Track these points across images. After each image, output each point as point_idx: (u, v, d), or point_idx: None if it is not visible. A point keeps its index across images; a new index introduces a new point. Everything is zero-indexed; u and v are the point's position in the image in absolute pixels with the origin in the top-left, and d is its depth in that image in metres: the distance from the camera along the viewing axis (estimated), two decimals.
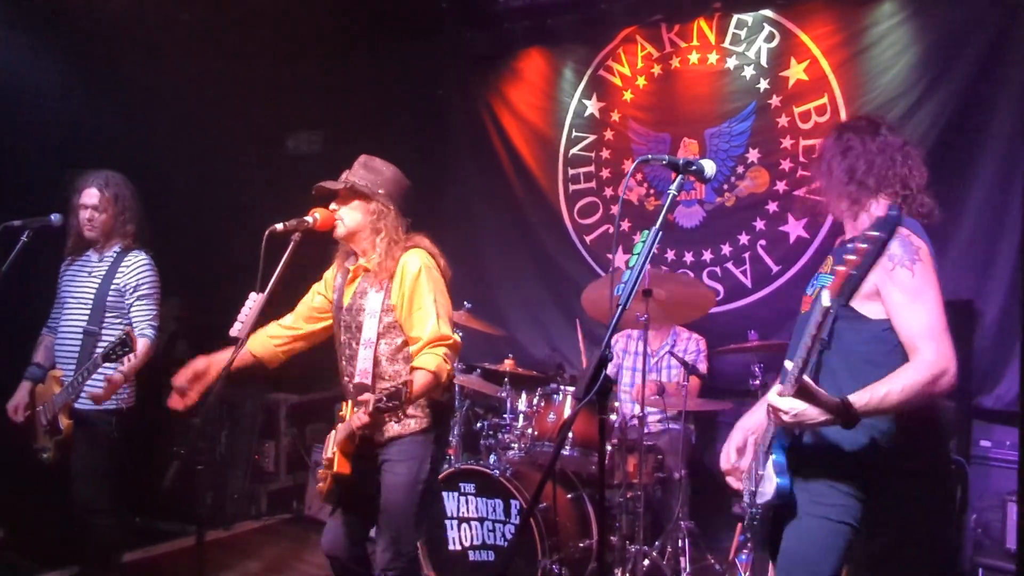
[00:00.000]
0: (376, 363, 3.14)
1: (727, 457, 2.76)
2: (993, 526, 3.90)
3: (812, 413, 2.20)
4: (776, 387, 2.25)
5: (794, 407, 2.19)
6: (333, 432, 3.19)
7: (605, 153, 6.14)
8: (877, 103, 4.94)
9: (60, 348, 3.92)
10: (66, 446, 3.83)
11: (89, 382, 3.71)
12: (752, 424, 2.77)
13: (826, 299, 1.99)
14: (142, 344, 3.77)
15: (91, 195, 3.89)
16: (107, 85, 4.78)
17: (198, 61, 5.11)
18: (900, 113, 4.84)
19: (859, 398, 2.21)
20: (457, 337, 3.15)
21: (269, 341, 3.35)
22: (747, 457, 2.71)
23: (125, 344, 3.46)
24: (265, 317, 2.81)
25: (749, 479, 2.65)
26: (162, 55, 4.93)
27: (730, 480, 2.76)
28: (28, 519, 4.53)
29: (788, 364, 2.22)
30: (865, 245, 1.96)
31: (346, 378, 3.24)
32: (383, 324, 3.14)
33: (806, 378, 2.15)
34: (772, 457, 2.42)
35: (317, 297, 3.42)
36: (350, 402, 3.16)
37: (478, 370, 5.09)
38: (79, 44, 4.71)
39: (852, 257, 1.97)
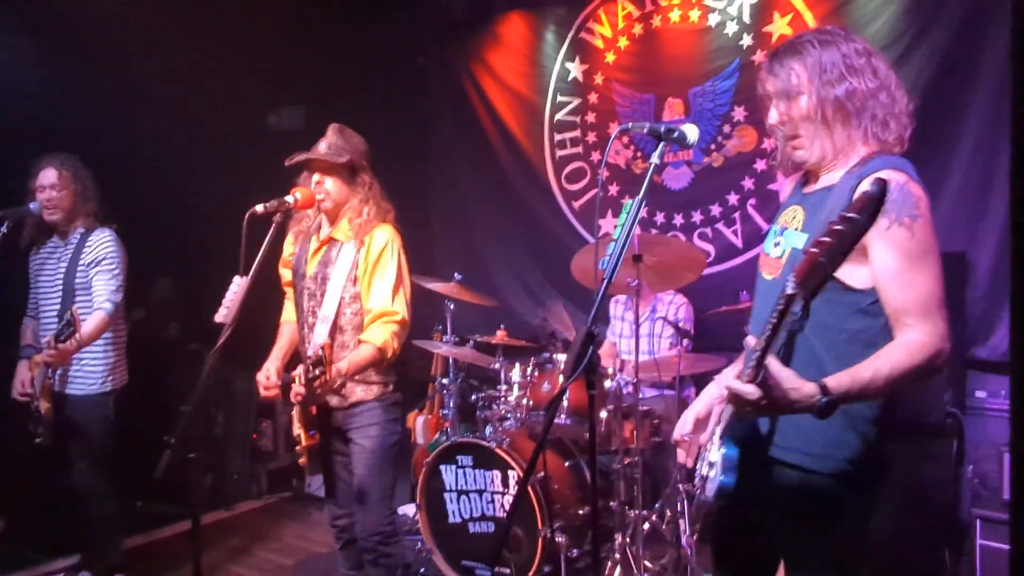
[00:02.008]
0: (334, 335, 3.18)
1: (681, 424, 2.37)
2: (990, 476, 3.90)
3: (779, 400, 1.79)
4: (733, 368, 1.93)
5: (756, 393, 1.78)
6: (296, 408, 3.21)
7: (590, 117, 6.09)
8: None
9: (44, 333, 3.93)
10: (58, 430, 3.85)
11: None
12: (719, 394, 2.36)
13: (791, 286, 1.63)
14: (98, 316, 3.80)
15: (49, 176, 3.89)
16: (82, 68, 4.70)
17: (174, 40, 5.03)
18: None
19: (838, 383, 1.83)
20: (407, 315, 3.19)
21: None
22: (706, 432, 2.34)
23: (69, 324, 3.53)
24: (251, 300, 2.77)
25: (702, 460, 2.33)
26: (137, 35, 4.84)
27: (680, 453, 2.40)
28: (29, 509, 4.53)
29: (751, 340, 1.87)
30: (842, 227, 1.55)
31: (306, 345, 3.26)
32: (348, 294, 3.18)
33: (775, 365, 1.78)
34: (723, 450, 2.08)
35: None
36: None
37: (471, 342, 5.07)
38: (52, 25, 4.63)
39: (825, 239, 1.56)
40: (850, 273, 1.97)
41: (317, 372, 2.82)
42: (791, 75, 2.07)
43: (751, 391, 1.76)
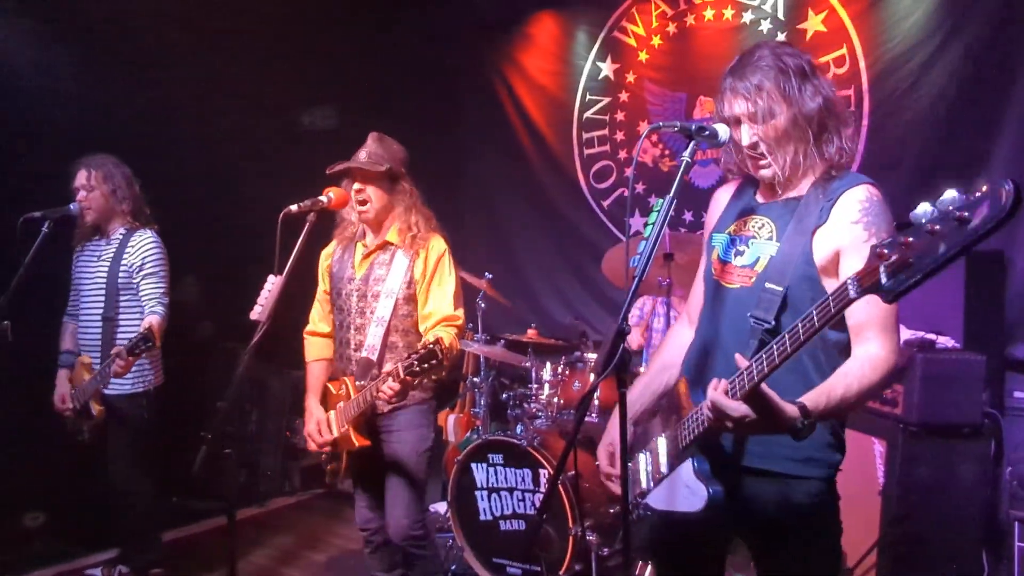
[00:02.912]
0: (386, 338, 3.19)
1: (604, 462, 2.36)
2: None
3: (763, 423, 1.81)
4: (720, 383, 1.85)
5: (745, 414, 1.80)
6: (331, 414, 3.21)
7: (620, 115, 6.09)
8: (898, 51, 4.83)
9: (83, 336, 4.00)
10: (101, 429, 3.92)
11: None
12: (634, 409, 2.39)
13: (854, 291, 1.54)
14: (153, 320, 3.84)
15: (80, 177, 3.97)
16: (120, 70, 4.77)
17: (209, 42, 5.10)
18: (923, 60, 4.73)
19: (815, 403, 1.83)
20: (463, 318, 3.23)
21: (328, 342, 3.48)
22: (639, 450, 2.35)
23: (147, 339, 3.51)
24: (285, 298, 2.80)
25: (637, 475, 2.34)
26: (174, 38, 4.91)
27: (611, 485, 2.37)
28: (68, 503, 4.61)
29: (740, 358, 1.83)
30: (941, 227, 1.35)
31: (352, 348, 3.27)
32: (401, 298, 3.19)
33: (766, 388, 1.78)
34: (692, 463, 2.09)
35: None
36: (348, 380, 3.22)
37: (502, 341, 5.08)
38: (91, 29, 4.71)
39: (911, 239, 1.40)
40: (830, 285, 1.94)
41: (427, 366, 2.76)
42: (764, 95, 2.01)
43: (738, 408, 1.80)
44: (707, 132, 2.03)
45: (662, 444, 2.24)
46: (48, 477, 4.43)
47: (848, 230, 1.94)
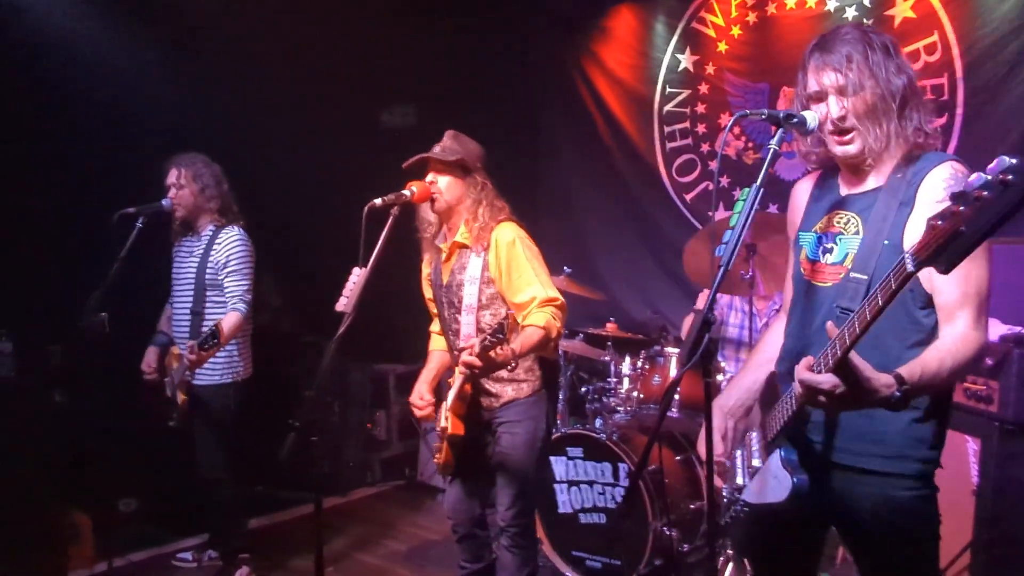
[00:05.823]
0: (478, 323, 3.19)
1: (726, 449, 2.35)
2: None
3: (856, 394, 1.73)
4: (804, 359, 1.81)
5: (835, 384, 1.73)
6: (444, 402, 3.25)
7: (700, 108, 6.01)
8: (993, 37, 4.64)
9: (175, 327, 4.17)
10: (188, 417, 4.06)
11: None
12: (732, 404, 2.38)
13: (912, 264, 1.52)
14: (233, 317, 3.97)
15: (171, 175, 4.12)
16: (211, 72, 4.91)
17: (290, 41, 5.21)
18: (1020, 46, 4.54)
19: (911, 373, 1.77)
20: (562, 298, 3.17)
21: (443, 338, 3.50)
22: (728, 445, 2.36)
23: (214, 335, 3.68)
24: (366, 293, 2.84)
25: (734, 471, 2.38)
26: (257, 37, 5.03)
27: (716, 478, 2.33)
28: (159, 490, 4.77)
29: (831, 327, 1.76)
30: (988, 193, 1.35)
31: (455, 352, 3.26)
32: (485, 295, 3.19)
33: (855, 355, 1.71)
34: (779, 453, 2.08)
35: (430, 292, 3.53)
36: (457, 370, 3.21)
37: (581, 335, 5.08)
38: (179, 30, 4.87)
39: (961, 208, 1.39)
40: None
41: (498, 338, 2.77)
42: (854, 67, 1.99)
43: (827, 380, 1.73)
44: (795, 120, 2.00)
45: (755, 437, 2.24)
46: (141, 464, 4.60)
47: (934, 210, 1.87)
